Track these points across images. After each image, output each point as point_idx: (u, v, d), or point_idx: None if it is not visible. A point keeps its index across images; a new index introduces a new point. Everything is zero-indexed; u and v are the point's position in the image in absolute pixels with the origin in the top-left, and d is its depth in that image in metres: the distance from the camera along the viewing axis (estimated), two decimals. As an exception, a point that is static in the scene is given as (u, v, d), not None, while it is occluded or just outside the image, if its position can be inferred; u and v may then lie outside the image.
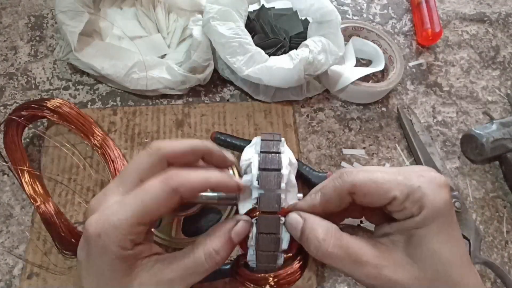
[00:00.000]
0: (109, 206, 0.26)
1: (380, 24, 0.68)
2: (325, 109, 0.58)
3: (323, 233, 0.26)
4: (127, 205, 0.25)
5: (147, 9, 0.60)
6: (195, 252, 0.27)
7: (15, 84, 0.56)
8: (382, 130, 0.57)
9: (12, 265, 0.44)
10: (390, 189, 0.25)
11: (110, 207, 0.25)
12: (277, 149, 0.30)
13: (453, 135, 0.58)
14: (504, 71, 0.65)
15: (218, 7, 0.52)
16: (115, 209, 0.25)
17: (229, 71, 0.56)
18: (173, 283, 0.26)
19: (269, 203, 0.28)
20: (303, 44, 0.54)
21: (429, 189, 0.25)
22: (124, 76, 0.52)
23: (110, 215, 0.25)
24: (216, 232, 0.28)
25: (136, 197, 0.25)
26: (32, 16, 0.62)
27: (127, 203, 0.25)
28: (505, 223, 0.52)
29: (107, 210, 0.25)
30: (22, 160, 0.47)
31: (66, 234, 0.43)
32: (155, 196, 0.25)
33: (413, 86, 0.62)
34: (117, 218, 0.25)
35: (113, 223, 0.24)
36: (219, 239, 0.27)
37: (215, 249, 0.27)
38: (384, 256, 0.26)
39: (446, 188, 0.25)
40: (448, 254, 0.25)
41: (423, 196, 0.25)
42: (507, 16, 0.71)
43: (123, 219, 0.25)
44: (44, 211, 0.44)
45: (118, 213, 0.25)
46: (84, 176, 0.49)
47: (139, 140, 0.52)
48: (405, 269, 0.25)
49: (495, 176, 0.56)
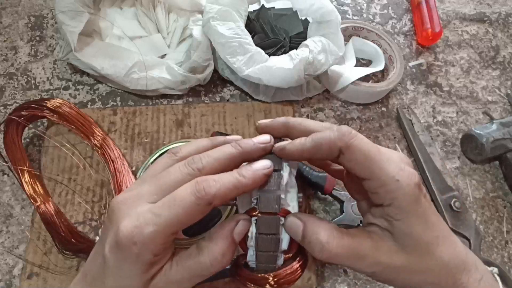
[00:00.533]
0: (143, 213, 0.26)
1: (380, 24, 0.68)
2: (325, 109, 0.58)
3: (325, 235, 0.27)
4: (162, 217, 0.25)
5: (147, 9, 0.60)
6: (201, 256, 0.27)
7: (15, 84, 0.56)
8: (382, 130, 0.57)
9: (12, 265, 0.44)
10: (373, 170, 0.26)
11: (144, 216, 0.25)
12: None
13: (453, 135, 0.58)
14: (504, 71, 0.65)
15: (218, 7, 0.52)
16: (149, 219, 0.25)
17: (229, 71, 0.56)
18: (181, 284, 0.27)
19: (269, 203, 0.28)
20: (303, 44, 0.54)
21: (405, 184, 0.26)
22: (124, 76, 0.52)
23: (146, 224, 0.25)
24: (219, 235, 0.28)
25: (170, 210, 0.25)
26: (32, 16, 0.62)
27: (162, 215, 0.25)
28: (505, 223, 0.52)
29: (141, 218, 0.25)
30: (22, 160, 0.47)
31: (66, 234, 0.43)
32: (189, 211, 0.25)
33: (413, 86, 0.62)
34: (153, 229, 0.25)
35: (149, 234, 0.25)
36: (223, 242, 0.27)
37: (220, 252, 0.27)
38: (379, 246, 0.27)
39: (419, 185, 0.27)
40: (423, 236, 0.27)
41: (398, 190, 0.26)
42: (507, 16, 0.70)
43: (159, 230, 0.25)
44: (44, 211, 0.44)
45: (154, 223, 0.25)
46: (84, 176, 0.49)
47: (139, 140, 0.52)
48: (397, 254, 0.27)
49: (495, 176, 0.56)
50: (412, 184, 0.26)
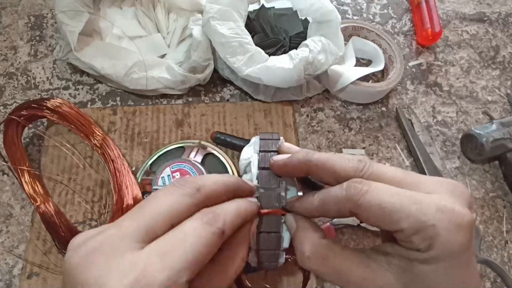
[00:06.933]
0: (142, 258, 0.20)
1: (380, 24, 0.68)
2: (325, 109, 0.58)
3: (309, 250, 0.25)
4: (174, 257, 0.20)
5: (147, 8, 0.60)
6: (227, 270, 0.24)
7: (15, 84, 0.56)
8: (382, 130, 0.57)
9: (12, 265, 0.44)
10: (398, 220, 0.22)
11: (145, 261, 0.20)
12: (276, 148, 0.31)
13: (453, 135, 0.58)
14: (504, 71, 0.65)
15: (218, 7, 0.52)
16: (155, 263, 0.19)
17: (229, 71, 0.56)
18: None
19: (270, 201, 0.28)
20: (303, 44, 0.54)
21: (445, 229, 0.21)
22: (124, 76, 0.52)
23: (153, 272, 0.19)
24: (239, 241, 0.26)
25: (184, 245, 0.20)
26: (32, 16, 0.62)
27: (173, 254, 0.20)
28: (505, 223, 0.52)
29: (141, 264, 0.19)
30: (22, 160, 0.47)
31: (66, 234, 0.43)
32: (205, 243, 0.21)
33: (413, 86, 0.62)
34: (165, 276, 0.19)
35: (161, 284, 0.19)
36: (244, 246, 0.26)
37: (242, 258, 0.26)
38: (372, 279, 0.24)
39: (468, 230, 0.22)
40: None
41: (435, 237, 0.21)
42: (507, 16, 0.71)
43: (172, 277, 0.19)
44: (44, 211, 0.44)
45: (164, 268, 0.19)
46: (84, 176, 0.49)
47: (138, 140, 0.52)
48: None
49: (494, 176, 0.56)
50: (454, 229, 0.21)
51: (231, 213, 0.24)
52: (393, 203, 0.22)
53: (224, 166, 0.49)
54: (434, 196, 0.22)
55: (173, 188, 0.23)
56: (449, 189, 0.23)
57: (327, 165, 0.25)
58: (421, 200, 0.22)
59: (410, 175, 0.24)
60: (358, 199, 0.23)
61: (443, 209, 0.21)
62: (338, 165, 0.25)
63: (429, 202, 0.22)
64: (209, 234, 0.21)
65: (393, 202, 0.22)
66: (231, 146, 0.51)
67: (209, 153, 0.49)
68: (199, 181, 0.24)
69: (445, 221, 0.21)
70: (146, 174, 0.48)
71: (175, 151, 0.50)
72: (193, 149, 0.49)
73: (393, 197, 0.22)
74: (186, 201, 0.23)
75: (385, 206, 0.22)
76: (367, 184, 0.23)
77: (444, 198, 0.22)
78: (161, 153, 0.49)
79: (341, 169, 0.25)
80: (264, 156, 0.30)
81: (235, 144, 0.51)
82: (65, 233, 0.43)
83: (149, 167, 0.48)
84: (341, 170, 0.25)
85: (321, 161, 0.25)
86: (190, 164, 0.46)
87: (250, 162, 0.32)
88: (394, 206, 0.22)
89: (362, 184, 0.23)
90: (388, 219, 0.22)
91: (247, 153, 0.36)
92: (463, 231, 0.21)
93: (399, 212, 0.22)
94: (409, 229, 0.22)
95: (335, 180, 0.25)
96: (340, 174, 0.25)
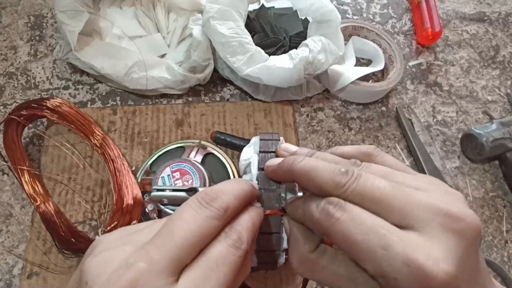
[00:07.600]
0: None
1: (380, 23, 0.68)
2: (325, 109, 0.58)
3: (296, 262, 0.26)
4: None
5: (146, 8, 0.60)
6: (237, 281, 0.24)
7: (15, 83, 0.56)
8: (382, 129, 0.57)
9: (12, 264, 0.44)
10: (362, 260, 0.21)
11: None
12: (276, 148, 0.31)
13: (453, 134, 0.58)
14: (504, 70, 0.65)
15: (218, 7, 0.52)
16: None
17: (229, 71, 0.56)
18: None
19: (270, 202, 0.28)
20: (303, 43, 0.54)
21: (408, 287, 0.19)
22: (124, 75, 0.52)
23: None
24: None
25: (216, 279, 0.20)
26: (31, 16, 0.62)
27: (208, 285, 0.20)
28: (505, 223, 0.52)
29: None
30: (22, 159, 0.47)
31: (66, 234, 0.43)
32: (234, 269, 0.21)
33: (413, 86, 0.62)
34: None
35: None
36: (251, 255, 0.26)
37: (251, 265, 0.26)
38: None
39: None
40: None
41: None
42: (507, 16, 0.70)
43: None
44: (44, 211, 0.44)
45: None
46: (84, 176, 0.49)
47: (138, 139, 0.52)
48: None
49: (494, 176, 0.56)
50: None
51: (249, 229, 0.23)
52: (360, 242, 0.20)
53: (224, 166, 0.49)
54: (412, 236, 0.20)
55: (200, 209, 0.22)
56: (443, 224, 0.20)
57: (309, 177, 0.24)
58: (391, 245, 0.20)
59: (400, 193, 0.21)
60: (328, 226, 0.22)
61: (411, 264, 0.19)
62: (319, 178, 0.23)
63: (399, 251, 0.19)
64: (237, 258, 0.21)
65: (361, 241, 0.20)
66: (231, 146, 0.51)
67: (209, 153, 0.49)
68: (224, 198, 0.22)
69: (410, 279, 0.19)
70: (146, 174, 0.48)
71: (175, 151, 0.50)
72: (193, 149, 0.49)
73: (362, 234, 0.20)
74: (215, 225, 0.22)
75: (351, 242, 0.21)
76: (341, 210, 0.21)
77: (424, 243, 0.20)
78: (161, 153, 0.49)
79: (322, 182, 0.23)
80: (264, 156, 0.30)
81: (235, 144, 0.51)
82: (65, 233, 0.43)
83: (149, 167, 0.48)
84: (322, 183, 0.23)
85: (303, 171, 0.24)
86: (190, 164, 0.46)
87: (250, 163, 0.32)
88: (361, 246, 0.20)
89: (336, 208, 0.22)
90: (353, 256, 0.21)
91: (247, 154, 0.36)
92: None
93: (364, 254, 0.21)
94: (372, 272, 0.21)
95: (319, 192, 0.24)
96: (321, 188, 0.23)
